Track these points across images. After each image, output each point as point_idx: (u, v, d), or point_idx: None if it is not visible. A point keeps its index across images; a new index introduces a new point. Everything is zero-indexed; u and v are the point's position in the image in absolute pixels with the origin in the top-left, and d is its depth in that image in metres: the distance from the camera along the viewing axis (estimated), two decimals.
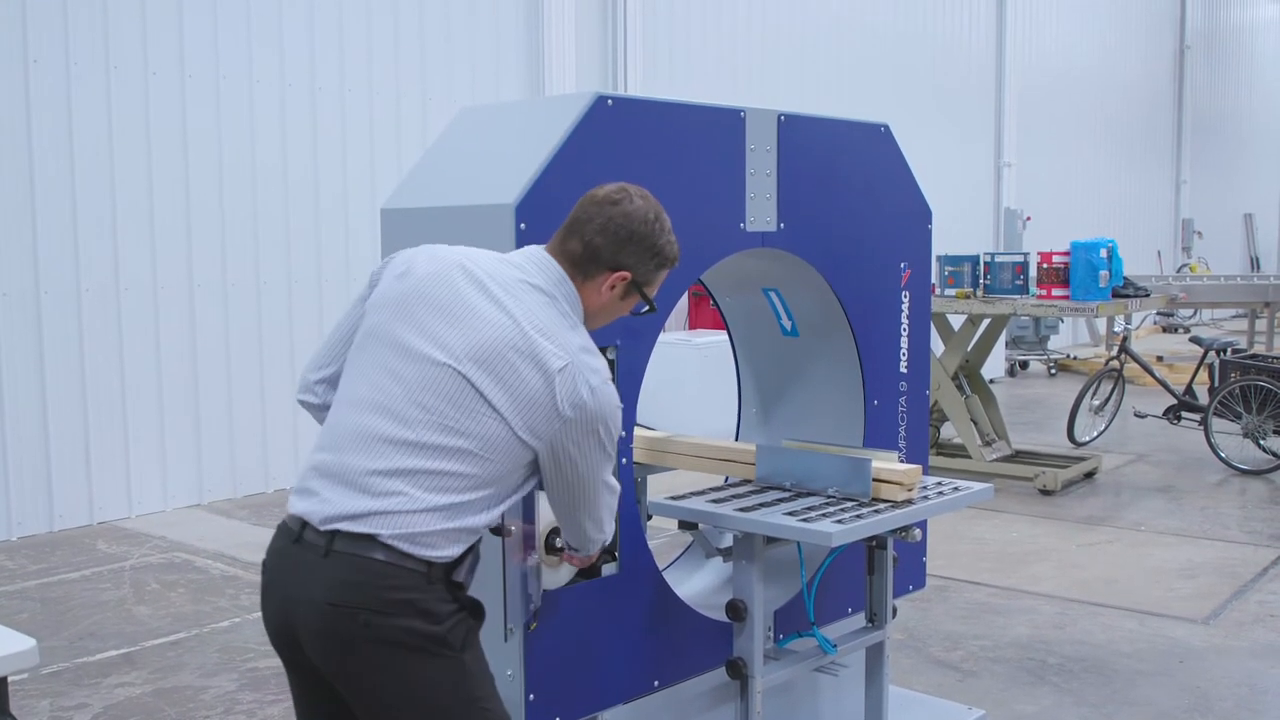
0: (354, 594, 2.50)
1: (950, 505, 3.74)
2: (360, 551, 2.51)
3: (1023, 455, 9.58)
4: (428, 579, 2.54)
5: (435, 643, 2.54)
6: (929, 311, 4.47)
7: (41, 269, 8.01)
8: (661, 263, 2.82)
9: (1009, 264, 9.43)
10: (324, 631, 2.54)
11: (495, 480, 2.60)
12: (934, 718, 4.49)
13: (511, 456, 2.60)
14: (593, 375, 2.61)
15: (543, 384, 2.56)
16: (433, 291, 2.63)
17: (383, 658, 2.52)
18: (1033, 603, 6.44)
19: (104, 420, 8.37)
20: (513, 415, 2.56)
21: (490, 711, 2.64)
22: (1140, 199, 22.15)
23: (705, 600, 3.92)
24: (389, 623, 2.50)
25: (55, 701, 5.22)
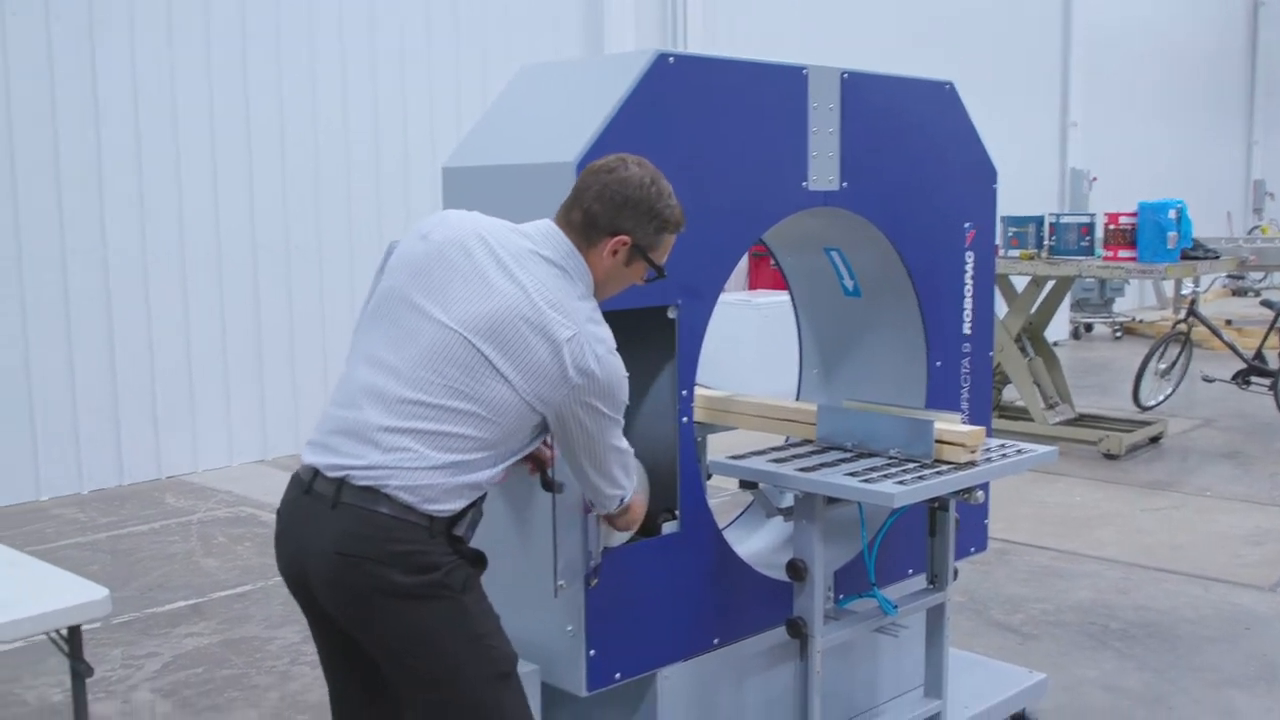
0: (359, 545, 2.59)
1: (1013, 468, 3.71)
2: (366, 504, 2.59)
3: (1086, 419, 9.49)
4: (429, 533, 2.62)
5: (435, 587, 2.62)
6: (993, 273, 4.42)
7: (109, 231, 8.13)
8: (662, 226, 2.83)
9: (1074, 225, 9.30)
10: (333, 580, 2.63)
11: (501, 441, 2.68)
12: (994, 680, 4.48)
13: (519, 420, 2.67)
14: (599, 345, 2.68)
15: (550, 354, 2.62)
16: (449, 257, 2.70)
17: (388, 606, 2.61)
18: (1095, 567, 6.39)
19: (170, 378, 8.50)
20: (521, 383, 2.62)
21: (494, 649, 2.72)
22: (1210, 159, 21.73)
23: (765, 559, 3.93)
24: (391, 573, 2.58)
25: (126, 650, 5.34)
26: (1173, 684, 4.90)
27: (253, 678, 5.03)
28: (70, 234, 7.95)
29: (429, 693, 2.69)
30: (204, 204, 8.57)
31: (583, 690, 3.28)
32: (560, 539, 3.20)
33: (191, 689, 4.92)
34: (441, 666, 2.65)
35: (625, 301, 3.20)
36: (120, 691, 4.91)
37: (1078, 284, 14.14)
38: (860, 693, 4.16)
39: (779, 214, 3.68)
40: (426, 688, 2.68)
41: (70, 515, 7.54)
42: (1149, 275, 8.88)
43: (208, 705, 4.77)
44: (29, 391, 7.86)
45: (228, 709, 4.73)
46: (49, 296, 7.90)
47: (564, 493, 3.14)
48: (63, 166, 7.89)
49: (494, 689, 2.70)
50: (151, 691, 4.91)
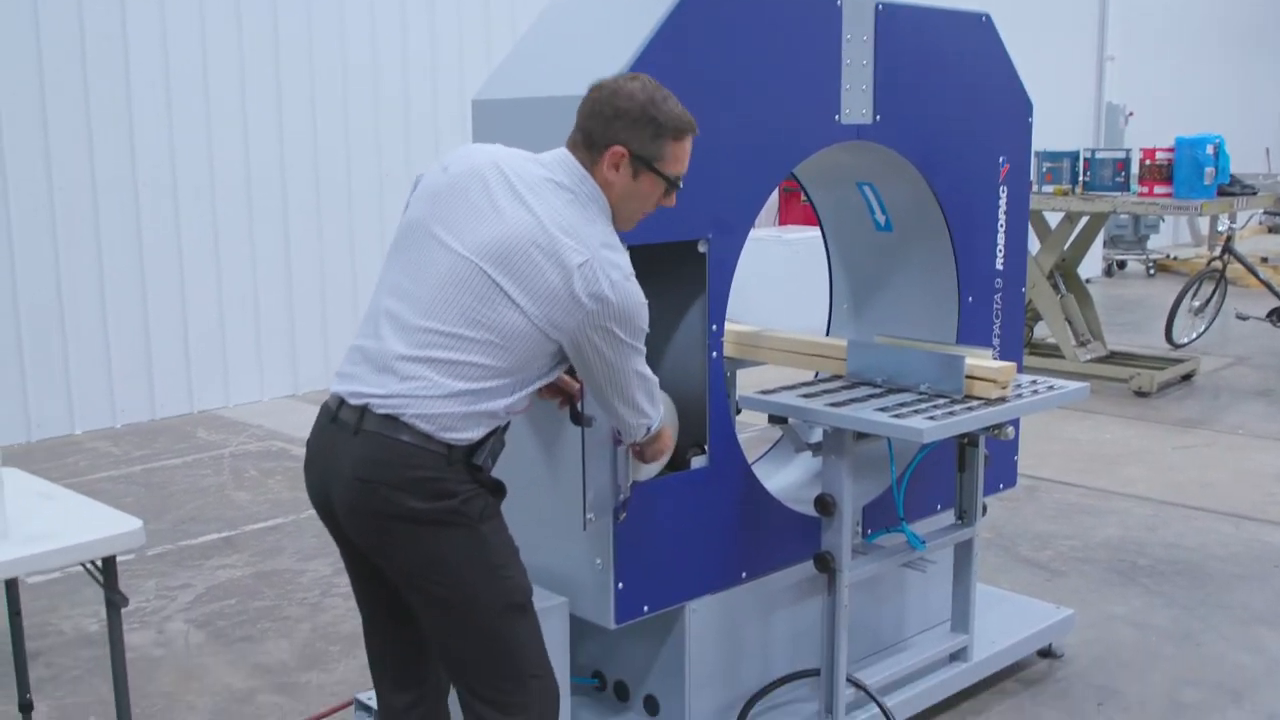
0: (378, 471, 2.62)
1: (1044, 404, 3.70)
2: (386, 432, 2.62)
3: (1118, 356, 9.43)
4: (448, 460, 2.63)
5: (451, 514, 2.64)
6: (1027, 208, 4.38)
7: (138, 162, 8.14)
8: (659, 131, 2.74)
9: (1110, 160, 9.19)
10: (354, 506, 2.67)
11: (517, 369, 2.67)
12: (1021, 616, 4.49)
13: (534, 347, 2.66)
14: (614, 270, 2.64)
15: (561, 279, 2.60)
16: (466, 187, 2.70)
17: (405, 531, 2.64)
18: (1125, 504, 6.38)
19: (202, 313, 8.55)
20: (533, 309, 2.61)
21: (510, 579, 2.73)
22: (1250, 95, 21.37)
23: (794, 494, 3.94)
24: (408, 499, 2.61)
25: (160, 581, 5.41)
26: (1201, 621, 4.90)
27: (284, 609, 5.09)
28: (100, 168, 7.96)
29: (444, 618, 2.74)
30: (234, 139, 8.57)
31: (611, 623, 3.31)
32: (589, 473, 3.21)
33: (225, 620, 4.99)
34: (456, 593, 2.69)
35: (655, 235, 3.19)
36: (155, 622, 4.98)
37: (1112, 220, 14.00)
38: (887, 627, 4.19)
39: (811, 148, 3.65)
40: (441, 613, 2.73)
41: (104, 449, 7.63)
42: (1184, 211, 8.77)
43: (240, 636, 4.83)
44: (62, 326, 7.91)
45: (260, 639, 4.80)
46: (80, 232, 7.93)
47: (593, 427, 3.15)
48: (92, 100, 7.89)
49: (507, 619, 2.73)
50: (185, 622, 4.98)
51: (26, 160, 7.67)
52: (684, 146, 2.81)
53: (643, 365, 2.82)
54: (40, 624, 4.93)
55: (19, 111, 7.61)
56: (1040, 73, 10.16)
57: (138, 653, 4.65)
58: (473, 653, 2.74)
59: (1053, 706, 4.18)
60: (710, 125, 3.31)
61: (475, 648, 2.73)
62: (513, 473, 2.96)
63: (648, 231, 3.15)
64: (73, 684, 4.43)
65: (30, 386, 7.81)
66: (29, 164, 7.68)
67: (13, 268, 7.67)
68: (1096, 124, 16.80)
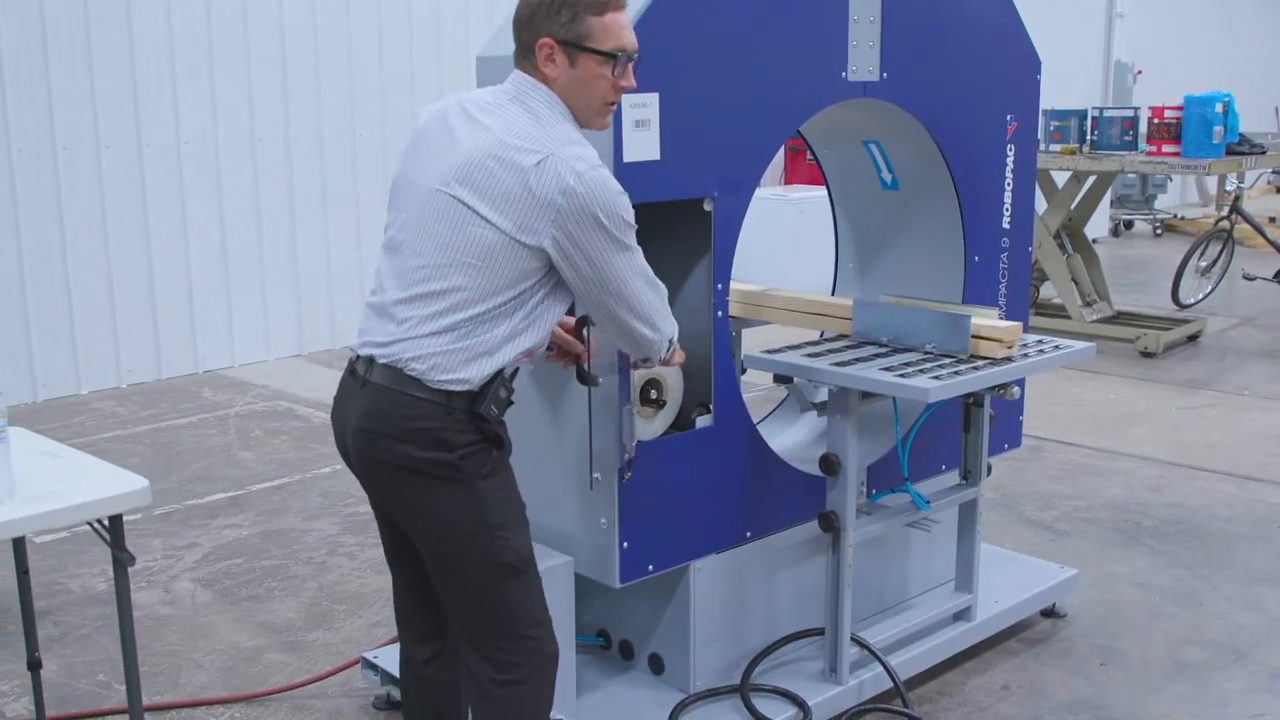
0: (379, 422, 2.67)
1: (1049, 364, 3.69)
2: (388, 383, 2.66)
3: (1124, 316, 9.41)
4: (446, 409, 2.64)
5: (448, 468, 2.66)
6: (1034, 166, 4.35)
7: (143, 121, 8.11)
8: (575, 11, 2.67)
9: (1118, 119, 9.13)
10: (360, 455, 2.75)
11: (502, 289, 2.62)
12: (1025, 576, 4.50)
13: (512, 263, 2.61)
14: (577, 162, 2.58)
15: (518, 181, 2.57)
16: (431, 129, 2.76)
17: (404, 482, 2.69)
18: (1129, 465, 6.38)
19: (206, 272, 8.54)
20: (499, 219, 2.58)
21: (505, 540, 2.73)
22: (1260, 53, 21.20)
23: (799, 454, 3.94)
24: (408, 448, 2.64)
25: (167, 541, 5.43)
26: (1204, 581, 4.91)
27: (291, 568, 5.11)
28: (104, 126, 7.93)
29: (441, 571, 2.78)
30: (237, 93, 8.52)
31: (616, 582, 3.32)
32: (596, 432, 3.21)
33: (231, 579, 5.01)
34: (451, 548, 2.72)
35: (661, 193, 3.18)
36: (162, 581, 5.01)
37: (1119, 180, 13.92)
38: (891, 586, 4.20)
39: (817, 105, 3.63)
40: (439, 565, 2.78)
41: (110, 409, 7.64)
42: (1193, 171, 8.72)
43: (247, 595, 4.85)
44: (67, 285, 7.91)
45: (267, 599, 4.82)
46: (84, 191, 7.91)
47: (599, 386, 3.14)
48: (95, 58, 7.85)
49: (501, 578, 2.73)
50: (192, 581, 5.00)
51: (31, 118, 7.64)
52: (613, 19, 2.71)
53: (642, 265, 2.72)
54: (48, 583, 4.95)
55: (22, 68, 7.58)
56: (1049, 30, 10.08)
57: (145, 611, 4.67)
58: (468, 607, 2.77)
59: (1056, 666, 4.20)
60: (716, 82, 3.29)
61: (470, 603, 2.77)
62: (519, 433, 2.96)
63: (653, 189, 3.14)
64: (81, 642, 4.46)
65: (36, 346, 7.82)
66: (33, 122, 7.65)
67: (17, 227, 7.66)
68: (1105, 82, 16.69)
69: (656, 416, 3.39)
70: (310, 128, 8.94)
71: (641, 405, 3.33)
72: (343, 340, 9.24)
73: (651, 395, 3.37)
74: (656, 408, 3.38)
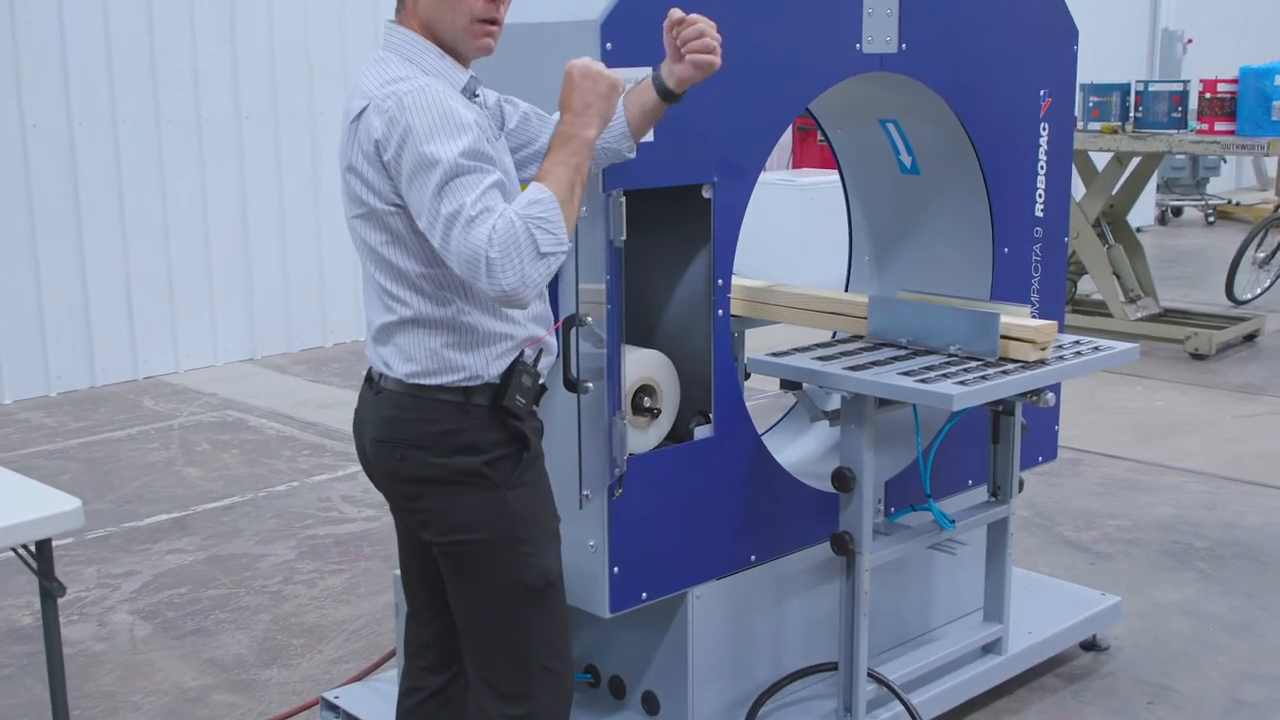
0: (394, 429, 2.76)
1: (1088, 367, 3.70)
2: (396, 388, 2.75)
3: (1172, 314, 9.43)
4: (462, 409, 2.71)
5: (474, 476, 2.72)
6: (1070, 147, 4.37)
7: (73, 99, 8.10)
8: None
9: (1165, 93, 9.15)
10: (377, 469, 2.84)
11: (435, 261, 2.66)
12: (1062, 603, 4.51)
13: (410, 220, 2.65)
14: (399, 95, 2.58)
15: (352, 143, 2.65)
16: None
17: (427, 496, 2.75)
18: (1178, 480, 6.40)
19: (148, 267, 8.53)
20: (367, 193, 2.64)
21: (530, 558, 2.79)
22: None
23: (809, 468, 3.94)
24: (427, 457, 2.72)
25: (102, 568, 5.43)
26: (1263, 609, 4.93)
27: (242, 598, 5.12)
28: (30, 106, 7.92)
29: (457, 587, 2.83)
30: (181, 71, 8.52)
31: (605, 611, 3.33)
32: (586, 444, 3.21)
33: (174, 610, 5.01)
34: (470, 564, 2.77)
35: (655, 179, 3.19)
36: (95, 613, 5.01)
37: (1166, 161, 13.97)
38: (912, 616, 4.21)
39: (828, 80, 3.64)
40: (456, 581, 2.83)
41: (38, 420, 7.64)
42: (1249, 151, 8.74)
43: (192, 628, 4.85)
44: None
45: (214, 632, 4.82)
46: (9, 176, 7.90)
47: (588, 393, 3.15)
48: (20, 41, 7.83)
49: (520, 601, 2.78)
50: (130, 613, 5.00)
51: None
52: None
53: (492, 181, 2.57)
54: None
55: None
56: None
57: (76, 648, 4.67)
58: (481, 630, 2.82)
59: (1098, 705, 4.21)
60: None
61: (484, 625, 2.82)
62: None
63: (645, 174, 3.15)
64: (3, 684, 4.46)
65: None
66: None
67: None
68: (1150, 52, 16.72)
69: (650, 427, 3.40)
70: (263, 106, 8.94)
71: (633, 414, 3.34)
72: (300, 343, 9.25)
73: (644, 403, 3.38)
74: (650, 417, 3.39)
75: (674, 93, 2.89)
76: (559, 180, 2.60)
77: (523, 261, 2.49)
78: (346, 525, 5.82)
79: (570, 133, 2.67)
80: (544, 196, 2.55)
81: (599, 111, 2.69)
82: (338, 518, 5.91)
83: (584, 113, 2.68)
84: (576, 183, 2.64)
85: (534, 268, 2.51)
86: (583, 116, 2.67)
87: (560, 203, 2.56)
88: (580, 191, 2.66)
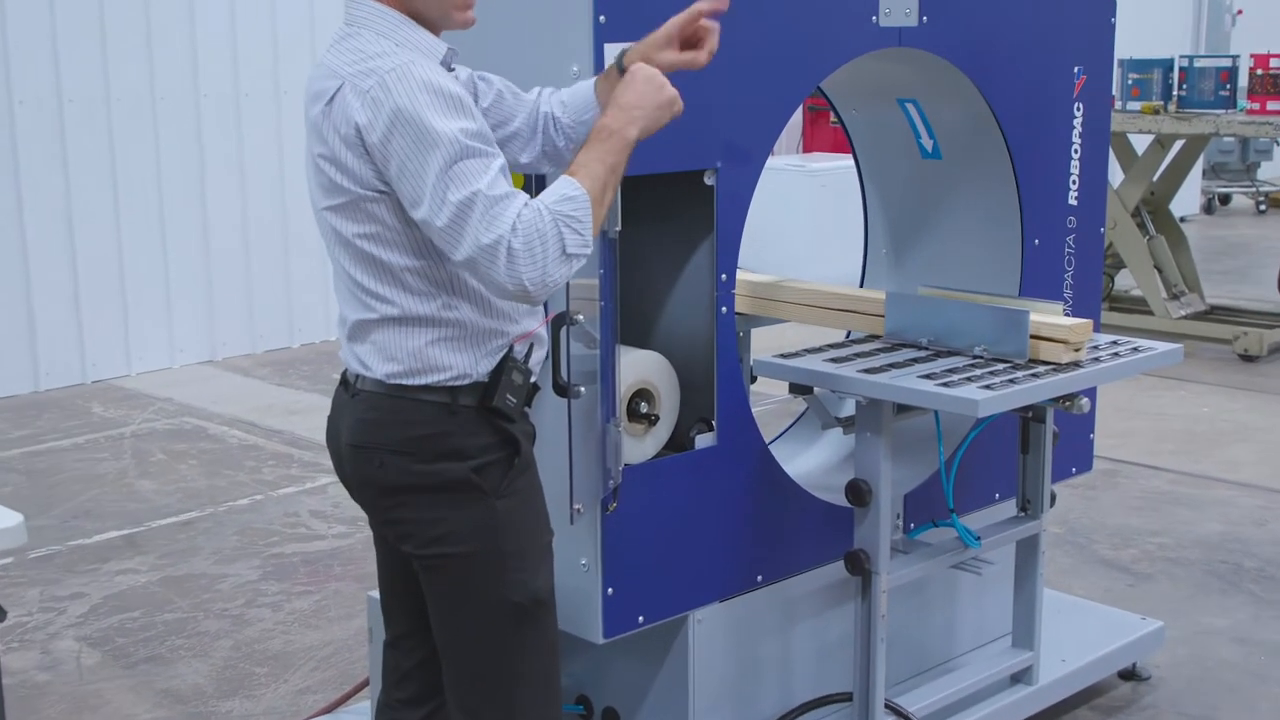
0: (372, 434, 2.76)
1: (1128, 370, 3.71)
2: (375, 388, 2.75)
3: (1219, 311, 9.44)
4: (449, 410, 2.72)
5: (460, 484, 2.73)
6: (1107, 130, 4.38)
7: (14, 79, 8.09)
8: None
9: (1212, 70, 9.17)
10: (353, 477, 2.85)
11: (416, 249, 2.68)
12: (1099, 628, 4.52)
13: (393, 211, 2.67)
14: (378, 73, 2.59)
15: (327, 125, 2.66)
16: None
17: (404, 503, 2.76)
18: (1227, 493, 6.41)
19: (96, 260, 8.52)
20: (343, 176, 2.66)
21: (519, 575, 2.79)
22: None
23: (820, 480, 3.95)
24: (410, 463, 2.72)
25: (46, 590, 5.43)
26: None
27: (200, 623, 5.12)
28: None
29: (439, 609, 2.84)
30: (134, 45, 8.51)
31: (599, 637, 3.33)
32: (577, 454, 3.22)
33: (126, 637, 5.02)
34: (451, 579, 2.78)
35: (652, 164, 3.19)
36: (39, 640, 5.01)
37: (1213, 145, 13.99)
38: (935, 642, 4.22)
39: (842, 56, 3.65)
40: (438, 602, 2.83)
41: None
42: None
43: (145, 656, 4.86)
44: None
45: (170, 660, 4.83)
46: None
47: (580, 398, 3.16)
48: None
49: (507, 621, 2.79)
50: (77, 640, 5.01)
51: None
52: None
53: (494, 169, 2.59)
54: None
55: None
56: None
57: (18, 678, 4.67)
58: (463, 653, 2.83)
59: None
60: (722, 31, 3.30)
61: (466, 647, 2.82)
62: None
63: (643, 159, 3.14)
64: None
65: None
66: None
67: None
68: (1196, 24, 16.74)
69: (647, 435, 3.40)
70: (224, 84, 8.94)
71: (629, 421, 3.34)
72: (264, 344, 9.25)
73: (641, 409, 3.38)
74: (647, 424, 3.40)
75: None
76: (595, 178, 2.63)
77: (547, 258, 2.53)
78: (316, 543, 5.82)
79: (613, 127, 2.69)
80: (578, 194, 2.59)
81: (647, 115, 2.73)
82: (306, 534, 5.92)
83: (632, 111, 2.71)
84: (610, 184, 2.67)
85: (557, 267, 2.55)
86: (630, 114, 2.71)
87: (593, 202, 2.60)
88: (612, 194, 2.70)
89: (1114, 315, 9.09)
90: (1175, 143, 9.36)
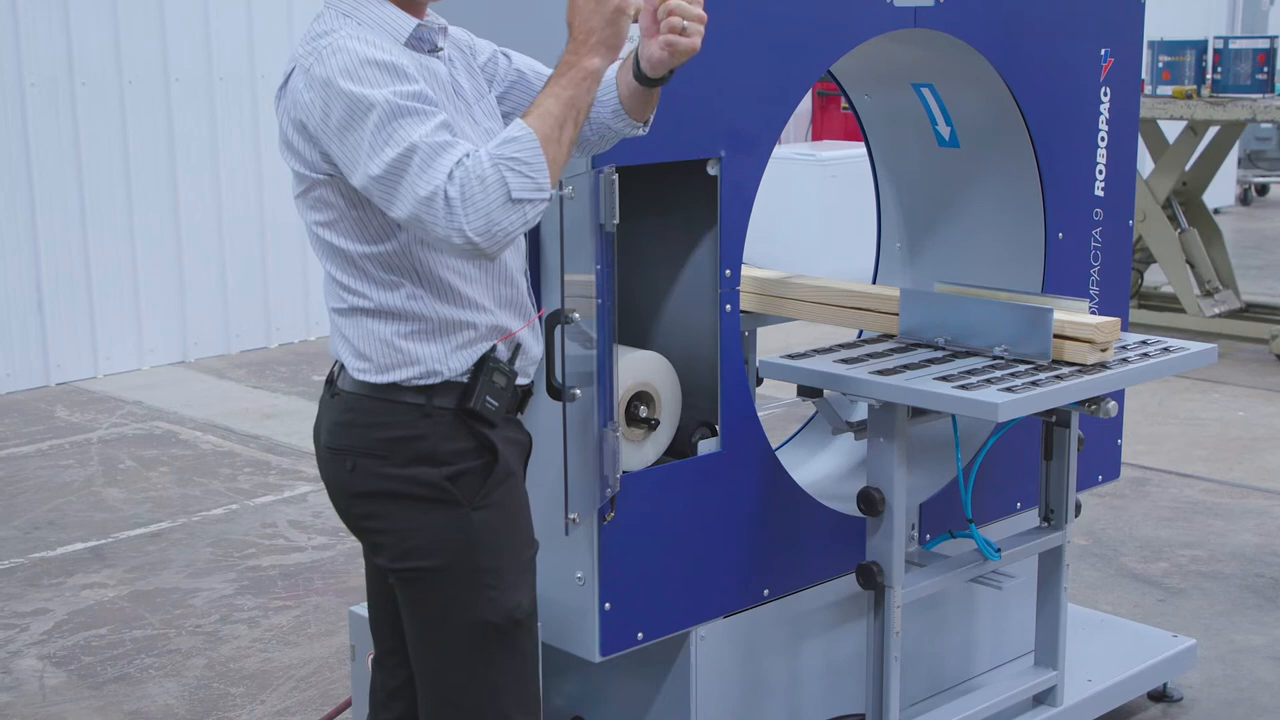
0: (346, 436, 2.80)
1: (1158, 371, 3.72)
2: (352, 389, 2.80)
3: (1255, 309, 9.45)
4: (423, 411, 2.75)
5: (434, 491, 2.75)
6: (1136, 116, 4.39)
7: None
8: None
9: (1248, 51, 9.17)
10: (328, 481, 2.87)
11: (384, 235, 2.72)
12: (1127, 646, 4.52)
13: (344, 191, 2.70)
14: (318, 53, 2.63)
15: (284, 114, 2.72)
16: None
17: (376, 511, 2.79)
18: (1263, 502, 6.42)
19: (60, 254, 8.52)
20: (308, 167, 2.70)
21: (493, 591, 2.80)
22: None
23: (831, 488, 3.96)
24: (380, 468, 2.75)
25: (6, 606, 5.44)
26: None
27: (171, 640, 5.13)
28: None
29: (413, 627, 2.86)
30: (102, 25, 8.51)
31: (595, 654, 3.34)
32: (572, 460, 3.22)
33: (92, 655, 5.02)
34: (421, 595, 2.80)
35: (653, 154, 3.20)
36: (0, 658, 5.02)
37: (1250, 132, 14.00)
38: (952, 660, 4.22)
39: (854, 38, 3.66)
40: (411, 619, 2.85)
41: None
42: None
43: (113, 675, 4.86)
44: None
45: (140, 680, 4.83)
46: None
47: (575, 400, 3.16)
48: None
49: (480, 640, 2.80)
50: (40, 658, 5.01)
51: None
52: None
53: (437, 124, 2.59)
54: None
55: None
56: None
57: None
58: (435, 673, 2.84)
59: None
60: (725, 10, 3.31)
61: (439, 668, 2.83)
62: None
63: (642, 148, 3.16)
64: None
65: None
66: None
67: None
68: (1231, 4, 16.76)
69: (647, 440, 3.41)
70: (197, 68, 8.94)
71: (627, 426, 3.35)
72: (239, 344, 9.25)
73: (640, 413, 3.39)
74: (647, 428, 3.40)
75: (648, 77, 2.80)
76: (545, 115, 2.59)
77: (490, 204, 2.50)
78: (294, 555, 5.83)
79: (569, 60, 2.65)
80: (521, 134, 2.55)
81: (602, 39, 2.64)
82: (284, 546, 5.93)
83: (586, 38, 2.64)
84: (568, 119, 2.61)
85: (504, 214, 2.51)
86: (584, 42, 2.64)
87: (542, 141, 2.55)
88: (573, 129, 2.62)
89: (1143, 313, 9.10)
90: (1209, 130, 9.36)
